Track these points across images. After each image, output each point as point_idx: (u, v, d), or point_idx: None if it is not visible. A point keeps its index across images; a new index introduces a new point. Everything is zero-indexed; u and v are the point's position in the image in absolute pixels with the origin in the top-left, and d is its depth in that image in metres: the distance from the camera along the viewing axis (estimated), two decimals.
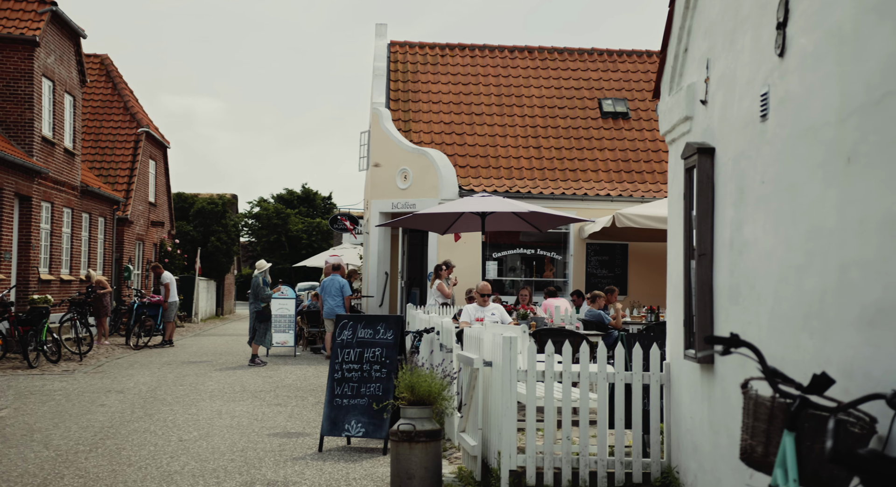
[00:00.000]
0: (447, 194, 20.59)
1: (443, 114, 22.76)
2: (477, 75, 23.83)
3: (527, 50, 24.66)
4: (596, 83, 23.82)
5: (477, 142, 22.13)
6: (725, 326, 6.25)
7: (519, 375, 7.75)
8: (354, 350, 10.54)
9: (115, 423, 12.03)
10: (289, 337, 21.35)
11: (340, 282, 20.83)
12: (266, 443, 10.72)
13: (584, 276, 20.76)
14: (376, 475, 9.11)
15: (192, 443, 10.71)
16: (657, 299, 19.72)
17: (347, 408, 10.36)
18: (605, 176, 21.57)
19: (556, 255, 21.14)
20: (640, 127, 22.83)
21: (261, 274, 19.78)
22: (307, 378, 17.24)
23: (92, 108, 34.33)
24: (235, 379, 17.09)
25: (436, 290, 18.43)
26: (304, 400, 14.36)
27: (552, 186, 21.03)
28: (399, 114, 22.59)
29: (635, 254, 20.99)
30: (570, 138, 22.37)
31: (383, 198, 21.86)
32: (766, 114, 5.43)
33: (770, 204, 5.37)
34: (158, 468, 9.41)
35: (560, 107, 23.14)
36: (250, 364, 19.33)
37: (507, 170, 21.50)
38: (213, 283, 45.57)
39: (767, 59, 5.46)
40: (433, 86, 23.44)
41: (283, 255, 67.13)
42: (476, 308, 13.16)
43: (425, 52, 24.38)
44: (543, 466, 7.71)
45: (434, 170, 20.81)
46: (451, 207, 14.96)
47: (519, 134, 22.41)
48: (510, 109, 23.00)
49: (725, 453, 6.26)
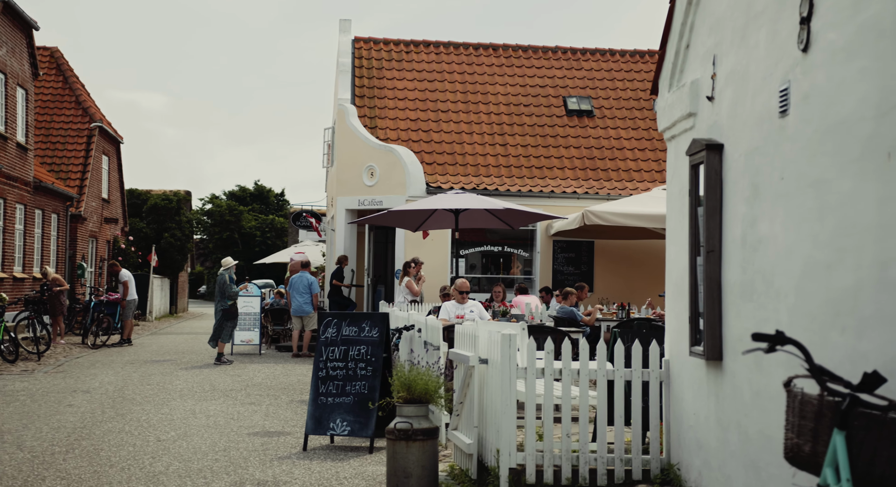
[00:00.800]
0: (415, 191, 20.48)
1: (409, 110, 22.64)
2: (442, 72, 23.75)
3: (491, 47, 24.63)
4: (560, 81, 23.86)
5: (443, 139, 22.05)
6: (737, 323, 6.25)
7: (518, 372, 7.69)
8: (339, 348, 10.42)
9: (87, 424, 11.78)
10: (254, 336, 21.11)
11: (309, 280, 20.66)
12: (247, 443, 10.56)
13: (551, 273, 20.79)
14: (366, 474, 9.00)
15: (171, 443, 10.51)
16: (624, 295, 19.84)
17: (332, 407, 10.23)
18: (571, 173, 21.62)
19: (522, 252, 21.14)
20: (604, 125, 22.91)
21: (227, 271, 19.52)
22: (276, 376, 17.05)
23: (42, 102, 33.65)
24: (203, 377, 16.84)
25: (404, 287, 18.34)
26: (278, 398, 14.19)
27: (519, 184, 21.03)
28: (365, 110, 22.43)
29: (601, 251, 21.07)
30: (535, 136, 22.38)
31: (349, 195, 21.69)
32: (787, 110, 5.43)
33: (792, 200, 5.36)
34: (141, 468, 9.22)
35: (525, 104, 23.15)
36: (216, 362, 19.07)
37: (473, 168, 21.45)
38: (166, 281, 44.96)
39: (788, 55, 5.45)
40: (398, 82, 23.31)
41: (237, 253, 66.38)
42: (455, 305, 13.08)
43: (390, 49, 24.23)
44: (543, 464, 7.66)
45: (401, 167, 20.69)
46: (426, 204, 14.87)
47: (485, 131, 22.38)
48: (476, 107, 22.96)
49: (736, 450, 6.25)
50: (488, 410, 8.17)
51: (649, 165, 22.12)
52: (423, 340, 11.00)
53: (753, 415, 5.93)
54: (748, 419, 6.03)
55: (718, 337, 6.53)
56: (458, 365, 8.39)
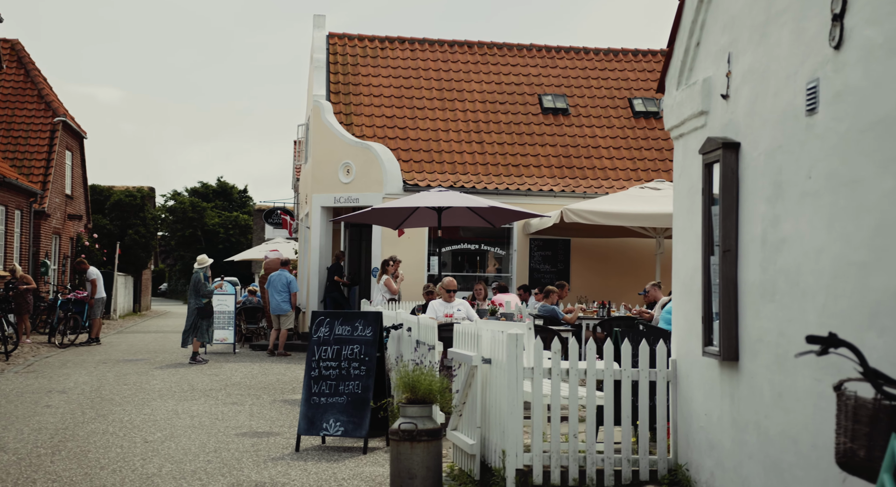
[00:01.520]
0: (392, 189, 20.35)
1: (384, 107, 22.49)
2: (417, 69, 23.62)
3: (466, 44, 24.53)
4: (535, 79, 23.82)
5: (420, 136, 21.92)
6: (755, 324, 6.21)
7: (525, 372, 7.62)
8: (332, 347, 10.28)
9: (68, 425, 11.54)
10: (228, 334, 20.85)
11: (287, 278, 20.46)
12: (237, 443, 10.39)
13: (528, 271, 20.75)
14: (364, 474, 8.88)
15: (159, 444, 10.32)
16: (600, 293, 19.85)
17: (325, 407, 10.10)
18: (548, 171, 21.60)
19: (499, 250, 21.09)
20: (579, 123, 22.91)
21: (202, 269, 19.27)
22: (255, 375, 16.85)
23: (3, 96, 33.01)
24: (181, 377, 16.59)
25: (383, 286, 18.20)
26: (260, 398, 14.01)
27: (496, 181, 20.97)
28: (340, 106, 22.24)
29: (577, 250, 21.07)
30: (511, 134, 22.33)
31: (325, 192, 21.50)
32: (815, 108, 5.39)
33: (821, 199, 5.33)
34: (133, 470, 9.03)
35: (501, 102, 23.09)
36: (191, 361, 18.81)
37: (450, 165, 21.35)
38: (130, 279, 44.39)
39: (816, 52, 5.42)
40: (374, 79, 23.13)
41: (200, 250, 65.72)
42: (442, 304, 12.99)
43: (364, 45, 24.05)
44: (550, 464, 7.59)
45: (378, 164, 20.54)
46: (410, 202, 14.75)
47: (461, 128, 22.29)
48: (452, 104, 22.86)
49: (754, 451, 6.22)
50: (492, 410, 8.09)
51: (624, 164, 22.16)
52: (416, 339, 10.90)
53: (775, 416, 5.89)
54: (769, 420, 6.00)
55: (734, 338, 6.49)
56: (461, 365, 8.29)
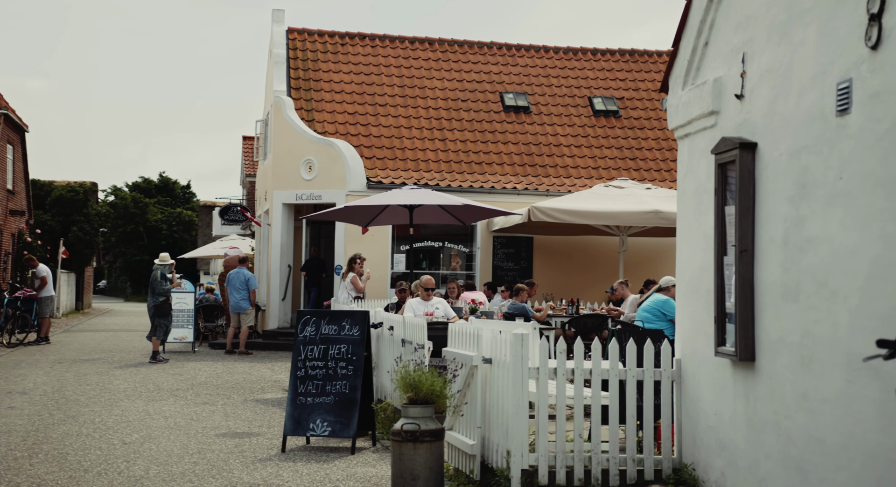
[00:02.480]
0: (355, 186, 20.17)
1: (346, 104, 22.27)
2: (379, 66, 23.43)
3: (427, 41, 24.41)
4: (496, 77, 23.80)
5: (382, 133, 21.75)
6: (776, 324, 6.22)
7: (530, 372, 7.57)
8: (318, 346, 10.13)
9: (38, 427, 11.22)
10: (188, 333, 20.49)
11: (246, 275, 20.17)
12: (219, 445, 10.19)
13: (491, 269, 20.73)
14: (358, 475, 8.75)
15: (138, 446, 10.08)
16: (563, 290, 19.90)
17: (312, 407, 9.95)
18: (511, 169, 21.58)
19: (463, 248, 21.03)
20: (541, 121, 22.93)
21: (161, 267, 18.90)
22: (220, 375, 16.56)
23: None
24: (143, 376, 16.25)
25: (349, 284, 18.03)
26: (230, 398, 13.78)
27: (459, 179, 20.90)
28: (301, 102, 21.96)
29: (540, 247, 21.10)
30: (474, 131, 22.27)
31: (286, 188, 21.24)
32: (848, 108, 5.40)
33: (855, 199, 5.34)
34: (119, 473, 8.80)
35: (463, 99, 23.02)
36: (151, 361, 18.44)
37: (413, 162, 21.23)
38: (72, 276, 43.49)
39: (848, 52, 5.43)
40: (335, 75, 22.90)
41: (142, 246, 64.77)
42: (420, 302, 12.89)
43: (325, 40, 23.79)
44: (556, 465, 7.55)
45: (341, 161, 20.34)
46: (382, 199, 14.61)
47: (424, 125, 22.17)
48: (414, 101, 22.72)
49: (772, 451, 6.23)
50: (493, 410, 8.02)
51: (585, 162, 22.24)
52: (401, 338, 10.79)
53: (798, 418, 5.91)
54: (790, 421, 6.01)
55: (751, 338, 6.50)
56: (463, 365, 8.20)
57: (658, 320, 12.39)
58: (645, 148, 22.95)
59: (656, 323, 12.42)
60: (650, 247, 21.10)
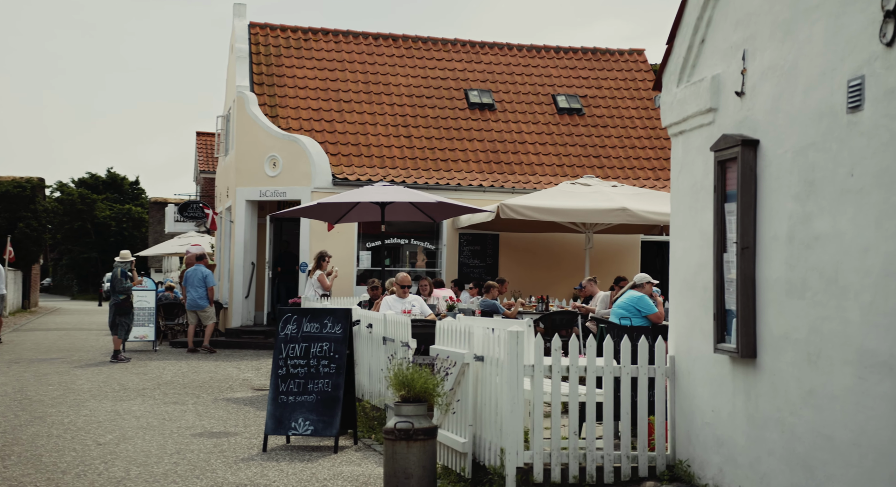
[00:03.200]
0: (320, 182, 19.99)
1: (310, 100, 22.04)
2: (343, 61, 23.24)
3: (391, 37, 24.28)
4: (461, 74, 23.75)
5: (347, 129, 21.57)
6: (780, 321, 6.23)
7: (525, 370, 7.52)
8: (300, 345, 9.99)
9: (5, 428, 10.94)
10: (149, 331, 20.14)
11: (204, 272, 19.89)
12: (197, 444, 10.01)
13: (457, 266, 20.67)
14: (345, 474, 8.65)
15: (114, 446, 9.87)
16: (529, 287, 19.91)
17: (294, 406, 9.81)
18: (476, 166, 21.55)
19: (428, 245, 20.94)
20: (505, 118, 22.93)
21: (122, 264, 18.54)
22: (185, 374, 16.30)
23: None
24: (107, 376, 15.94)
25: (316, 281, 17.85)
26: (199, 397, 13.55)
27: (425, 176, 20.81)
28: (265, 98, 21.70)
29: (506, 244, 21.08)
30: (439, 128, 22.19)
31: (250, 185, 20.97)
32: (860, 105, 5.42)
33: (868, 197, 5.35)
34: (99, 474, 8.60)
35: (428, 96, 22.92)
36: (112, 360, 18.09)
37: (379, 159, 21.09)
38: (19, 274, 42.58)
39: (860, 49, 5.44)
40: (298, 70, 22.66)
41: (89, 244, 63.64)
42: (396, 299, 12.78)
43: (287, 36, 23.54)
44: (551, 462, 7.51)
45: (306, 157, 20.13)
46: (354, 196, 14.48)
47: (389, 122, 22.05)
48: (378, 97, 22.57)
49: (776, 448, 6.24)
50: (485, 408, 7.96)
51: (550, 159, 22.27)
52: (382, 336, 10.69)
53: (805, 414, 5.92)
54: (795, 417, 6.02)
55: (752, 335, 6.51)
56: (455, 363, 8.13)
57: (633, 316, 12.43)
58: (608, 145, 23.06)
59: (631, 319, 12.46)
60: (614, 244, 21.21)
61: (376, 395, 11.16)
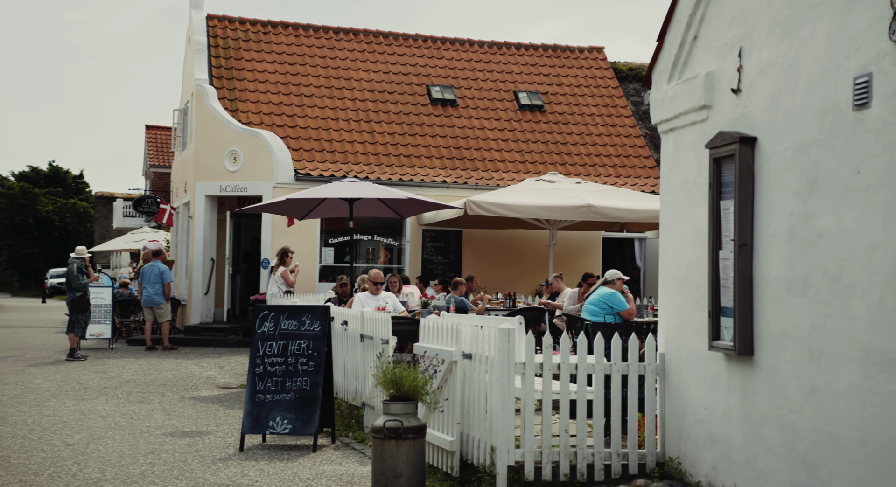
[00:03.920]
0: (283, 178, 19.74)
1: (271, 94, 21.75)
2: (303, 55, 22.96)
3: (352, 32, 24.04)
4: (423, 69, 23.60)
5: (309, 124, 21.31)
6: (779, 318, 6.22)
7: (516, 368, 7.46)
8: (277, 342, 9.83)
9: None
10: (105, 329, 19.73)
11: (160, 268, 19.56)
12: (171, 444, 9.80)
13: (421, 262, 20.54)
14: (327, 473, 8.51)
15: (84, 447, 9.63)
16: (492, 284, 19.85)
17: (272, 404, 9.65)
18: (439, 162, 21.44)
19: (392, 241, 20.79)
20: (468, 115, 22.84)
21: (77, 261, 18.15)
22: (146, 372, 15.99)
23: None
24: (65, 375, 15.59)
25: (279, 278, 17.65)
26: (165, 396, 13.30)
27: (388, 172, 20.65)
28: (224, 92, 21.36)
29: (469, 241, 21.00)
30: (402, 124, 22.04)
31: (209, 180, 20.64)
32: (868, 103, 5.42)
33: (875, 195, 5.36)
34: (73, 476, 8.38)
35: (390, 91, 22.75)
36: (69, 358, 17.69)
37: (342, 155, 20.87)
38: None
39: (867, 46, 5.44)
40: (258, 64, 22.33)
41: (31, 239, 62.30)
42: (369, 296, 12.64)
43: (246, 28, 23.19)
44: (542, 460, 7.45)
45: (268, 152, 19.87)
46: (322, 192, 14.28)
47: (351, 117, 21.83)
48: (340, 92, 22.35)
49: (774, 445, 6.24)
50: (473, 406, 7.88)
51: (513, 156, 22.24)
52: (360, 333, 10.56)
53: (806, 412, 5.92)
54: (796, 415, 6.02)
55: (750, 332, 6.50)
56: (444, 361, 8.03)
57: (605, 313, 12.45)
58: (570, 142, 23.09)
59: (603, 316, 12.48)
60: (576, 241, 21.24)
61: (351, 393, 11.03)
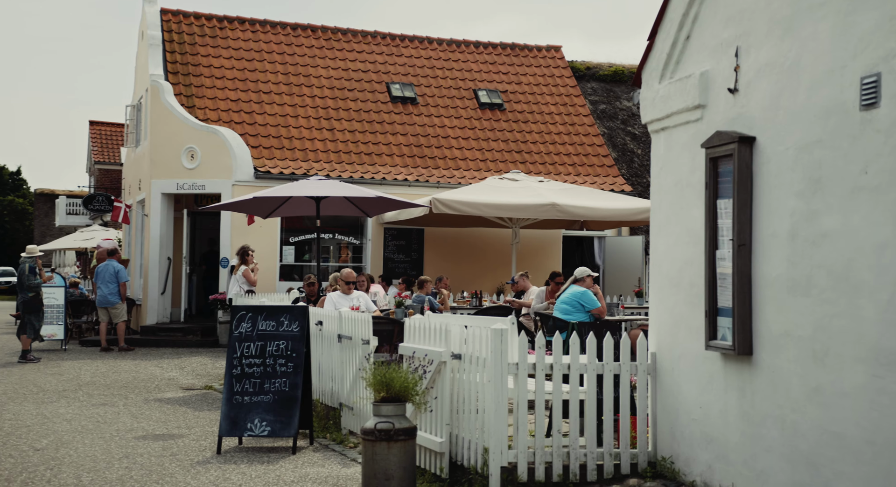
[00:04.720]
0: (242, 175, 19.46)
1: (228, 90, 21.41)
2: (261, 51, 22.64)
3: (310, 28, 23.77)
4: (382, 67, 23.43)
5: (268, 121, 21.04)
6: (779, 318, 6.22)
7: (508, 368, 7.39)
8: (255, 343, 9.65)
9: None
10: (58, 330, 19.26)
11: (115, 267, 19.16)
12: (145, 448, 9.58)
13: (382, 261, 20.39)
14: (311, 476, 8.37)
15: (54, 452, 9.37)
16: (454, 282, 19.74)
17: (249, 406, 9.47)
18: (400, 160, 21.30)
19: (353, 239, 20.61)
20: (428, 113, 22.73)
21: (29, 260, 17.70)
22: (105, 374, 15.63)
23: None
24: (19, 377, 15.18)
25: (241, 277, 17.41)
26: (128, 398, 13.01)
27: (349, 169, 20.45)
28: (180, 88, 20.99)
29: (431, 239, 20.90)
30: (362, 121, 21.85)
31: (166, 177, 20.28)
32: (876, 102, 5.42)
33: (884, 195, 5.36)
34: (48, 481, 8.15)
35: (349, 89, 22.54)
36: (21, 360, 17.23)
37: (301, 152, 20.64)
38: None
39: (875, 45, 5.44)
40: (214, 60, 21.98)
41: None
42: (341, 296, 12.49)
43: (202, 23, 22.81)
44: (535, 461, 7.39)
45: (227, 149, 19.57)
46: (289, 190, 14.07)
47: (311, 114, 21.59)
48: (299, 89, 22.09)
49: (774, 445, 6.23)
50: (463, 407, 7.80)
51: (473, 154, 22.18)
52: (338, 334, 10.41)
53: (810, 411, 5.92)
54: (798, 414, 6.02)
55: (749, 332, 6.50)
56: (432, 362, 7.93)
57: (577, 311, 12.45)
58: (530, 141, 23.09)
59: (575, 314, 12.47)
60: (536, 239, 21.26)
61: (328, 394, 10.89)
